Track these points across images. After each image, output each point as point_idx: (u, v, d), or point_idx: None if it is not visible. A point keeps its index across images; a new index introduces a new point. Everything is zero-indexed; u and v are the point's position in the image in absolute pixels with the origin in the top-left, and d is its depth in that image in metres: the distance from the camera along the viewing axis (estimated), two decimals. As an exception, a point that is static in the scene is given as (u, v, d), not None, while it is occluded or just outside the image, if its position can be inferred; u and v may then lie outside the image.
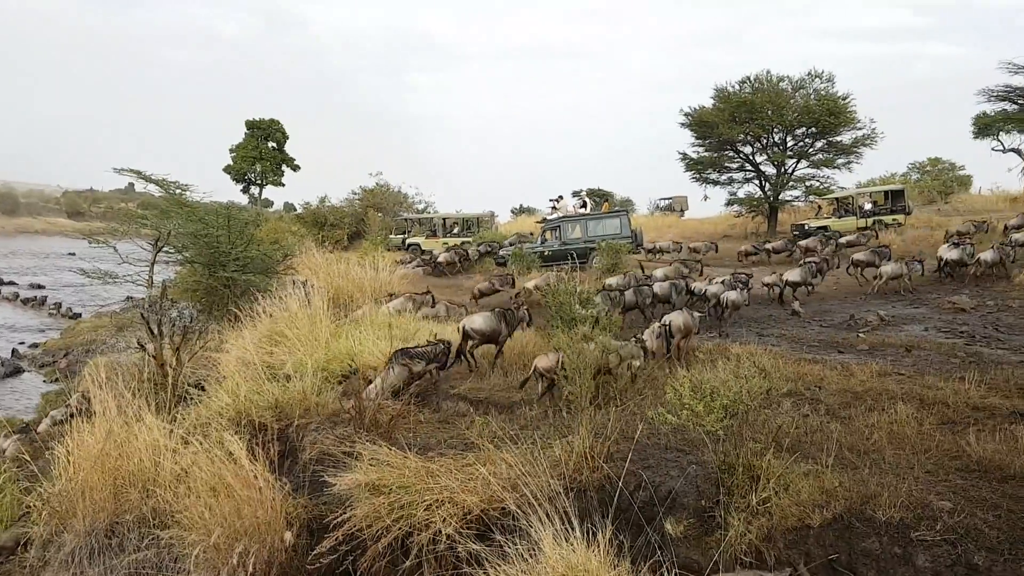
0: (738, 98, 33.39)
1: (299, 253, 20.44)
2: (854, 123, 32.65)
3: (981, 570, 4.75)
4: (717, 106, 34.14)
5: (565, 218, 27.00)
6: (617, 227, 25.50)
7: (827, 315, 14.92)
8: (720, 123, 33.00)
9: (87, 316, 28.13)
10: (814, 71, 33.42)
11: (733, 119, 32.91)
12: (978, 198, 39.84)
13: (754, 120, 32.68)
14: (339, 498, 6.64)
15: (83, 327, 24.83)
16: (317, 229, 36.24)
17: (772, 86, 33.75)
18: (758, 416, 7.09)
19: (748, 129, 32.99)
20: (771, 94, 33.03)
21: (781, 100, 32.68)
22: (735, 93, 34.16)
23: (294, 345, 10.80)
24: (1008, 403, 7.83)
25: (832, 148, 33.50)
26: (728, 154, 35.56)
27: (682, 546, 5.69)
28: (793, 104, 32.83)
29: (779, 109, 32.48)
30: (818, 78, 33.37)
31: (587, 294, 11.56)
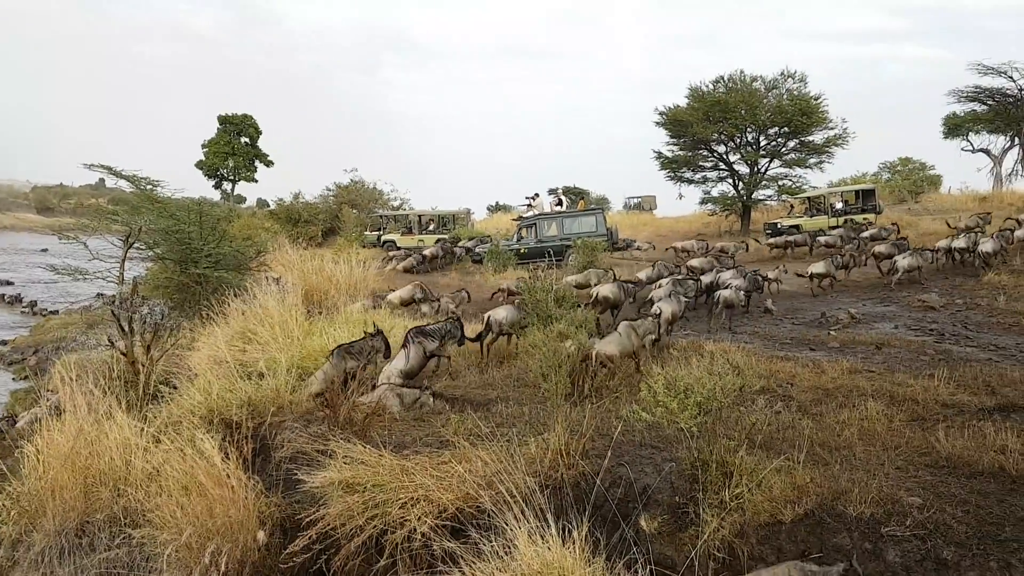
0: (712, 98, 33.66)
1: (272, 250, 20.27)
2: (826, 123, 33.06)
3: (950, 565, 4.83)
4: (691, 105, 34.39)
5: (541, 216, 27.04)
6: (593, 225, 25.61)
7: (799, 313, 15.08)
8: (694, 122, 33.25)
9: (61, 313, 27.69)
10: (787, 71, 33.81)
11: (707, 118, 33.16)
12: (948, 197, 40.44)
13: (728, 120, 32.97)
14: (313, 497, 6.60)
15: (53, 324, 24.44)
16: (291, 225, 36.01)
17: (745, 86, 34.07)
18: (731, 413, 7.15)
19: (722, 128, 33.27)
20: (744, 94, 33.34)
21: (754, 100, 32.99)
22: (709, 93, 34.44)
23: (267, 342, 10.71)
24: (976, 400, 7.96)
25: (804, 148, 33.89)
26: (702, 153, 35.86)
27: (656, 542, 5.72)
28: (766, 104, 33.16)
29: (752, 109, 32.78)
30: (791, 78, 33.74)
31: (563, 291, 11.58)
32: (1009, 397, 8.04)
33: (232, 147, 59.39)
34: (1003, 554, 4.75)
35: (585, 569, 4.94)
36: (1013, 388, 8.39)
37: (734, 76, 34.65)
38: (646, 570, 5.13)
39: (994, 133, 39.17)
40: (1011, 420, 7.13)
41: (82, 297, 27.47)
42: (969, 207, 34.14)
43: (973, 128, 41.01)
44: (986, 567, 4.73)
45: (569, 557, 4.96)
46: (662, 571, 5.47)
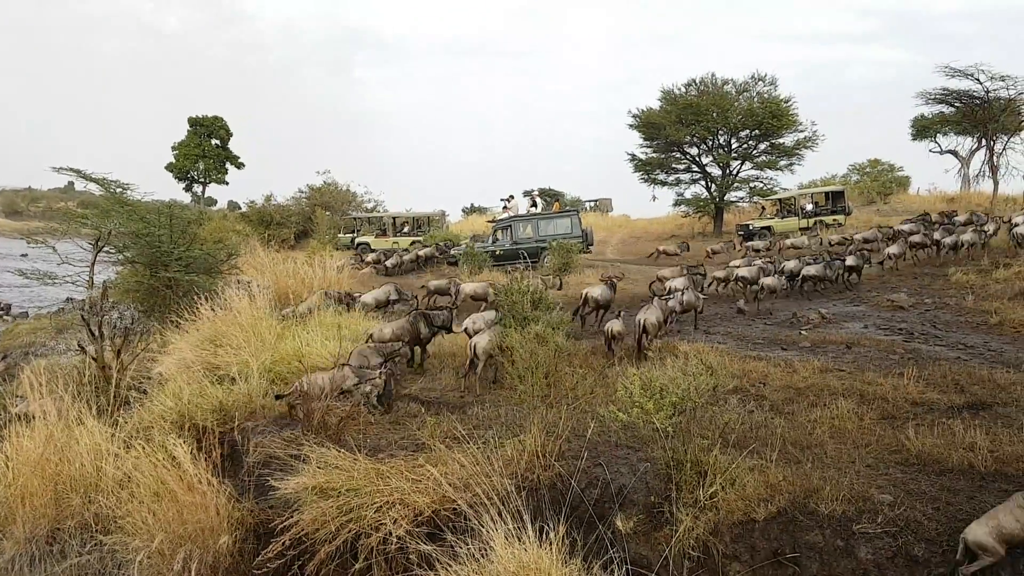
0: (684, 100, 33.97)
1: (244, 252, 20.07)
2: (796, 126, 33.50)
3: (921, 561, 4.89)
4: (664, 108, 34.68)
5: (516, 217, 27.05)
6: (568, 227, 25.65)
7: (771, 314, 15.21)
8: (667, 125, 33.52)
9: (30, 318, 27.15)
10: (757, 74, 34.22)
11: (679, 121, 33.45)
12: (916, 198, 41.06)
13: (700, 122, 33.27)
14: (286, 502, 6.54)
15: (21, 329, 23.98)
16: (263, 228, 35.64)
17: (717, 89, 34.42)
18: (705, 413, 7.20)
19: (694, 131, 33.56)
20: (716, 97, 33.68)
21: (725, 103, 33.34)
22: (681, 95, 34.73)
23: (239, 346, 10.60)
24: (945, 398, 8.08)
25: (775, 150, 34.31)
26: (675, 155, 36.16)
27: (632, 542, 5.74)
28: (737, 107, 33.53)
29: (724, 112, 33.12)
30: (761, 81, 34.15)
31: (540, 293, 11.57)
32: (978, 395, 8.17)
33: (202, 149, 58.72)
34: (972, 549, 4.82)
35: (562, 570, 4.95)
36: (981, 386, 8.53)
37: (705, 79, 35.04)
38: (622, 570, 5.15)
39: (962, 135, 39.81)
40: (980, 418, 7.25)
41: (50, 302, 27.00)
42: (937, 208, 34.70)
43: (941, 130, 41.68)
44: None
45: (546, 558, 4.96)
46: (638, 571, 5.50)
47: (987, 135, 35.13)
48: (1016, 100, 33.63)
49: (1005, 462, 6.09)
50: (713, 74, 35.03)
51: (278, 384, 9.44)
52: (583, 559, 5.20)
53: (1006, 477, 5.89)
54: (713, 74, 35.03)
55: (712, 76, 34.97)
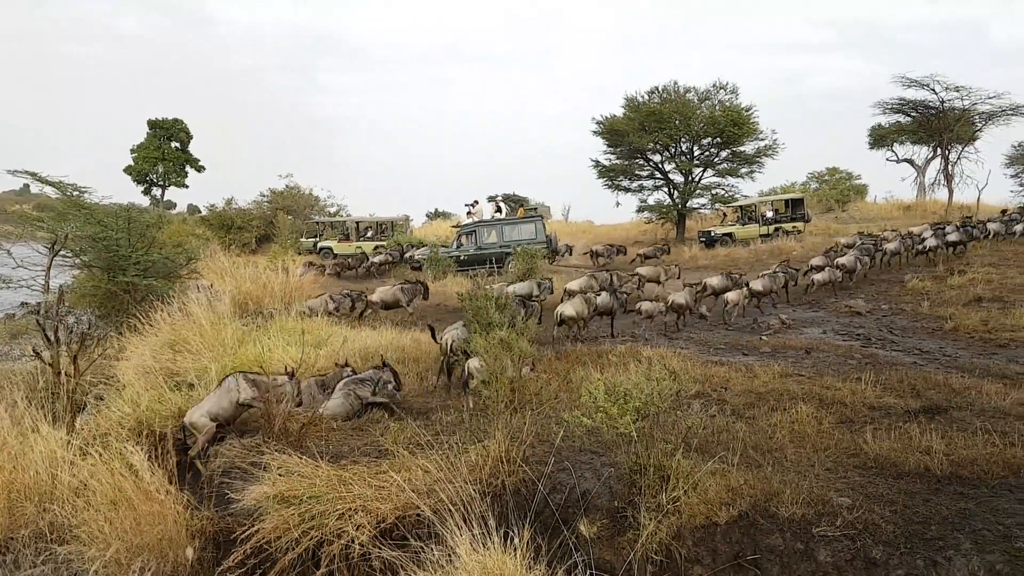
0: (647, 108, 34.27)
1: (204, 257, 19.82)
2: (756, 134, 33.98)
3: (879, 564, 4.97)
4: (627, 115, 34.95)
5: (481, 223, 27.05)
6: (532, 232, 25.71)
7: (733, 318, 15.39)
8: (630, 132, 33.80)
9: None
10: (719, 83, 34.64)
11: (643, 128, 33.75)
12: (873, 206, 41.95)
13: (662, 130, 33.60)
14: (246, 510, 6.45)
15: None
16: (223, 232, 35.24)
17: (679, 97, 34.80)
18: (668, 417, 7.26)
19: (657, 138, 33.88)
20: (678, 104, 34.04)
21: (688, 111, 33.71)
22: (644, 103, 35.04)
23: (199, 352, 10.45)
24: (902, 403, 8.24)
25: (736, 158, 34.77)
26: (638, 162, 36.46)
27: (596, 547, 5.76)
28: (699, 115, 33.91)
29: (686, 119, 33.50)
30: (723, 89, 34.60)
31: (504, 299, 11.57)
32: (933, 399, 8.34)
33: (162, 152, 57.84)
34: (929, 552, 4.92)
35: (526, 575, 4.94)
36: (937, 391, 8.72)
37: (668, 87, 35.37)
38: (586, 574, 5.16)
39: (918, 144, 40.79)
40: (935, 422, 7.40)
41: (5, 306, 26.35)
42: (894, 216, 35.47)
43: (897, 139, 42.66)
44: (913, 565, 4.88)
45: (511, 563, 4.95)
46: (601, 575, 5.51)
47: (942, 144, 35.97)
48: (970, 110, 34.52)
49: (960, 465, 6.23)
50: (675, 82, 35.44)
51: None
52: (547, 564, 5.21)
53: (961, 480, 6.02)
54: (675, 82, 35.44)
55: (675, 84, 35.37)
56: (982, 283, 16.48)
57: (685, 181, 35.19)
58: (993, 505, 5.51)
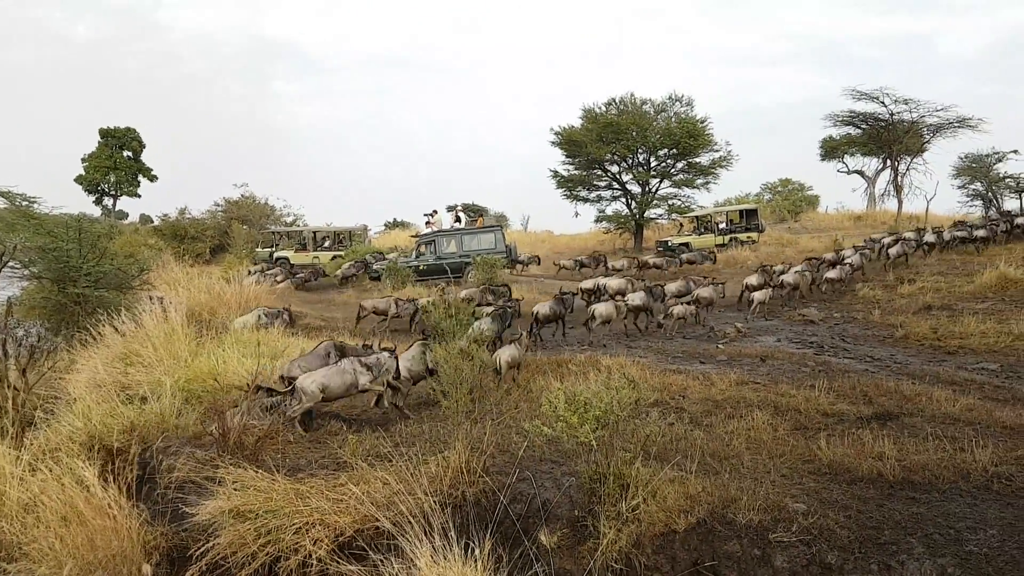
0: (604, 119, 34.63)
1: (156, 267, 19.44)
2: (711, 145, 34.55)
3: (834, 569, 5.05)
4: (585, 126, 35.28)
5: (440, 232, 26.98)
6: (492, 242, 25.70)
7: (689, 327, 15.56)
8: (588, 143, 34.12)
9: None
10: (675, 95, 35.16)
11: (600, 139, 34.10)
12: (825, 216, 42.88)
13: (620, 140, 33.98)
14: (202, 525, 6.32)
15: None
16: (177, 242, 34.67)
17: (636, 108, 35.24)
18: (628, 426, 7.29)
19: (614, 149, 34.25)
20: (635, 116, 34.49)
21: (644, 122, 34.16)
22: (602, 114, 35.40)
23: (151, 364, 10.24)
24: (855, 409, 8.39)
25: (692, 169, 35.29)
26: (596, 172, 36.79)
27: (557, 556, 5.75)
28: (656, 126, 34.37)
29: (643, 131, 33.94)
30: (678, 101, 35.13)
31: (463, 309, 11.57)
32: (885, 406, 8.51)
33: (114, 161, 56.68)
34: (883, 557, 5.01)
35: (487, 587, 4.92)
36: (888, 397, 8.90)
37: (625, 98, 35.80)
38: (547, 585, 5.15)
39: (868, 155, 41.82)
40: (887, 428, 7.55)
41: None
42: (845, 226, 36.27)
43: (848, 151, 43.71)
44: (868, 570, 4.96)
45: (471, 574, 4.92)
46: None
47: (892, 156, 36.93)
48: (919, 123, 35.49)
49: (912, 470, 6.36)
50: (632, 93, 35.92)
51: (192, 403, 9.13)
52: (508, 575, 5.19)
53: (913, 485, 6.14)
54: (632, 93, 35.92)
55: (631, 96, 35.84)
56: (931, 292, 16.90)
57: (642, 192, 35.61)
58: (944, 509, 5.63)
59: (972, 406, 8.41)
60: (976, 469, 6.31)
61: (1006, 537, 5.12)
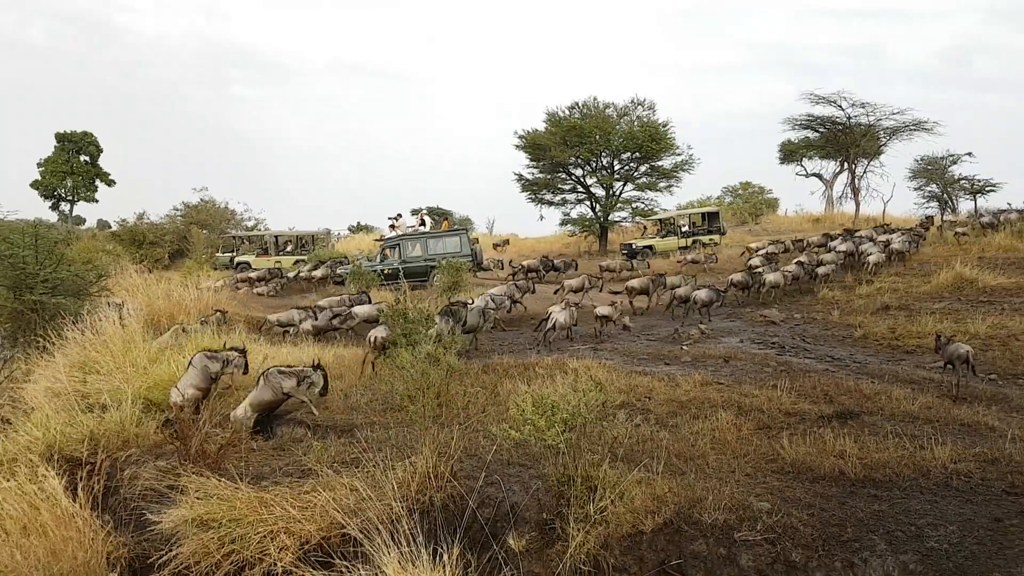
0: (568, 123, 34.77)
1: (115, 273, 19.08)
2: (674, 149, 34.86)
3: (799, 567, 5.12)
4: (549, 129, 35.39)
5: (405, 236, 26.84)
6: (457, 245, 25.62)
7: (654, 329, 15.68)
8: (552, 146, 34.22)
9: None
10: (637, 99, 35.43)
11: (564, 143, 34.22)
12: (784, 219, 43.51)
13: (583, 144, 34.15)
14: (164, 535, 6.21)
15: None
16: (135, 248, 34.07)
17: (599, 112, 35.44)
18: (595, 428, 7.31)
19: (578, 152, 34.40)
20: (598, 120, 34.67)
21: (607, 126, 34.37)
22: (565, 118, 35.55)
23: (111, 372, 10.04)
24: (816, 408, 8.52)
25: (655, 172, 35.58)
26: (560, 176, 36.90)
27: (525, 560, 5.75)
28: (619, 130, 34.60)
29: (606, 134, 34.16)
30: (640, 106, 35.39)
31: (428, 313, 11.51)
32: (846, 405, 8.65)
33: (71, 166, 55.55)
34: (846, 554, 5.09)
35: (455, 592, 4.89)
36: (849, 396, 9.04)
37: (588, 102, 35.98)
38: (515, 589, 5.14)
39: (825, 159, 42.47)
40: (848, 427, 7.68)
41: None
42: (804, 228, 36.80)
43: (807, 154, 44.39)
44: (831, 567, 5.04)
45: (439, 581, 4.90)
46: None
47: (849, 159, 37.56)
48: (875, 126, 36.17)
49: (873, 468, 6.47)
50: (595, 97, 36.10)
51: (153, 412, 8.97)
52: (476, 579, 5.17)
53: (875, 482, 6.25)
54: (595, 97, 36.10)
55: (594, 99, 36.04)
56: (889, 292, 17.22)
57: (606, 195, 35.81)
58: (905, 506, 5.74)
59: (931, 404, 8.59)
60: (936, 466, 6.44)
61: (965, 533, 5.24)
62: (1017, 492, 5.94)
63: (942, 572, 4.83)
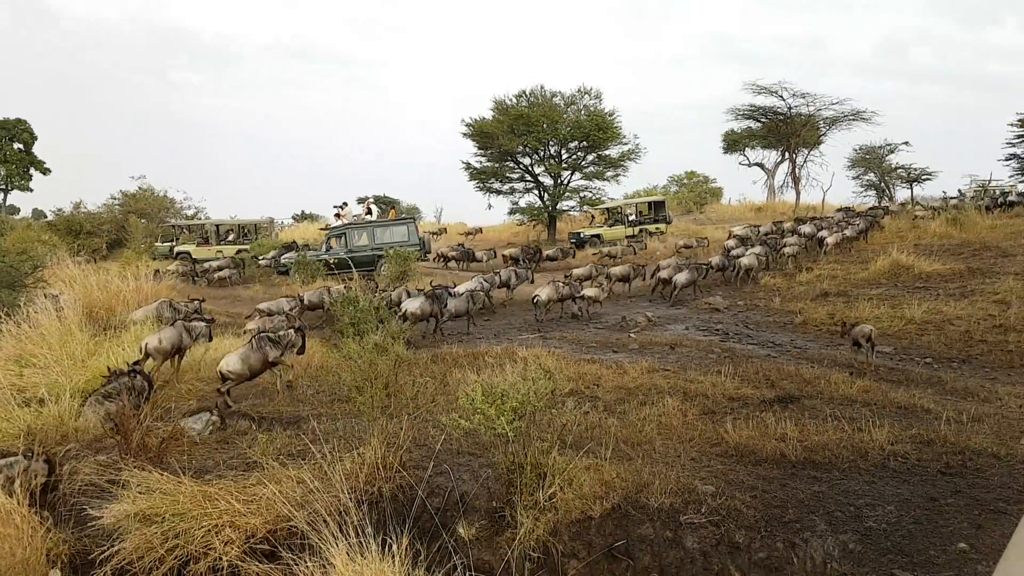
0: (515, 111, 34.73)
1: (51, 264, 18.48)
2: (620, 138, 35.10)
3: (742, 548, 5.24)
4: (496, 118, 35.29)
5: (351, 225, 26.52)
6: (405, 234, 25.40)
7: (602, 317, 15.82)
8: (500, 134, 34.13)
9: None
10: (584, 87, 35.57)
11: (511, 131, 34.17)
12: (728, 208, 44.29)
13: (531, 132, 34.15)
14: (106, 530, 6.06)
15: None
16: (72, 238, 33.02)
17: (546, 100, 35.47)
18: (544, 416, 7.35)
19: (526, 141, 34.40)
20: (546, 108, 34.70)
21: (555, 114, 34.44)
22: (513, 106, 35.50)
23: (47, 365, 9.75)
24: (758, 393, 8.71)
25: (602, 161, 35.79)
26: (509, 165, 36.86)
27: (475, 548, 5.77)
28: (566, 119, 34.70)
29: (553, 123, 34.22)
30: (587, 94, 35.53)
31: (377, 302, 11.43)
32: (787, 389, 8.87)
33: (3, 154, 53.60)
34: (788, 534, 5.22)
35: (405, 581, 4.88)
36: (789, 381, 9.27)
37: (535, 91, 35.98)
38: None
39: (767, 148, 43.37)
40: (789, 410, 7.87)
41: None
42: (747, 217, 37.50)
43: (749, 144, 45.21)
44: (773, 547, 5.17)
45: (388, 570, 4.88)
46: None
47: (790, 148, 38.38)
48: (815, 116, 36.99)
49: (813, 450, 6.65)
50: (542, 86, 36.13)
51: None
52: (427, 569, 5.17)
53: (815, 464, 6.42)
54: (542, 86, 36.13)
55: (541, 88, 36.06)
56: (828, 279, 17.66)
57: (554, 184, 35.91)
58: (844, 487, 5.91)
59: (868, 388, 8.85)
60: (873, 448, 6.64)
61: (903, 512, 5.42)
62: (952, 472, 6.16)
63: (880, 551, 4.99)
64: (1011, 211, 25.16)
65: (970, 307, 13.56)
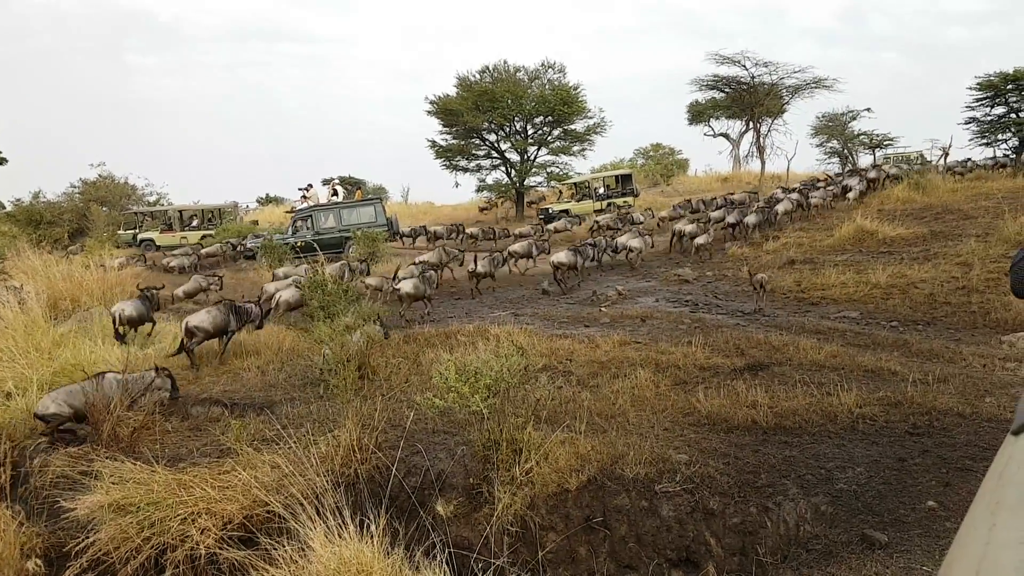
0: (479, 87, 34.53)
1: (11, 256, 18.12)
2: (585, 112, 35.08)
3: (716, 513, 5.32)
4: (461, 95, 35.06)
5: (318, 207, 26.26)
6: (372, 215, 25.20)
7: (573, 292, 15.88)
8: (464, 111, 33.92)
9: None
10: (547, 62, 35.42)
11: (476, 107, 33.99)
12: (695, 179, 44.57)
13: (495, 109, 34.01)
14: (80, 522, 6.01)
15: None
16: (32, 228, 32.40)
17: (510, 76, 35.31)
18: (518, 392, 7.38)
19: (491, 117, 34.27)
20: (510, 84, 34.55)
21: (519, 90, 34.30)
22: (476, 82, 35.28)
23: (13, 358, 9.59)
24: (729, 362, 8.81)
25: (568, 136, 35.76)
26: (475, 142, 36.70)
27: (453, 525, 5.81)
28: (530, 94, 34.57)
29: (518, 98, 34.08)
30: (551, 68, 35.41)
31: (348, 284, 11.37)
32: (756, 357, 8.97)
33: (-46, 142, 52.23)
34: (761, 499, 5.31)
35: (384, 561, 4.90)
36: (759, 349, 9.38)
37: (499, 66, 35.79)
38: (444, 553, 5.19)
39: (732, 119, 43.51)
40: (759, 378, 7.97)
41: None
42: (713, 187, 37.75)
43: (714, 114, 45.39)
44: (747, 512, 5.26)
45: (367, 551, 4.90)
46: (460, 552, 5.57)
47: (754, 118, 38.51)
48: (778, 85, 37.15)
49: (783, 416, 6.75)
50: (505, 61, 36.01)
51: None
52: (405, 548, 5.19)
53: (785, 430, 6.52)
54: (505, 61, 36.01)
55: (504, 63, 35.90)
56: (794, 247, 17.86)
57: (521, 160, 35.85)
58: (815, 451, 6.02)
59: (836, 353, 8.98)
60: (842, 412, 6.76)
61: (872, 474, 5.53)
62: (919, 433, 6.29)
63: (851, 511, 5.09)
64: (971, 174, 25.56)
65: (934, 270, 13.80)
